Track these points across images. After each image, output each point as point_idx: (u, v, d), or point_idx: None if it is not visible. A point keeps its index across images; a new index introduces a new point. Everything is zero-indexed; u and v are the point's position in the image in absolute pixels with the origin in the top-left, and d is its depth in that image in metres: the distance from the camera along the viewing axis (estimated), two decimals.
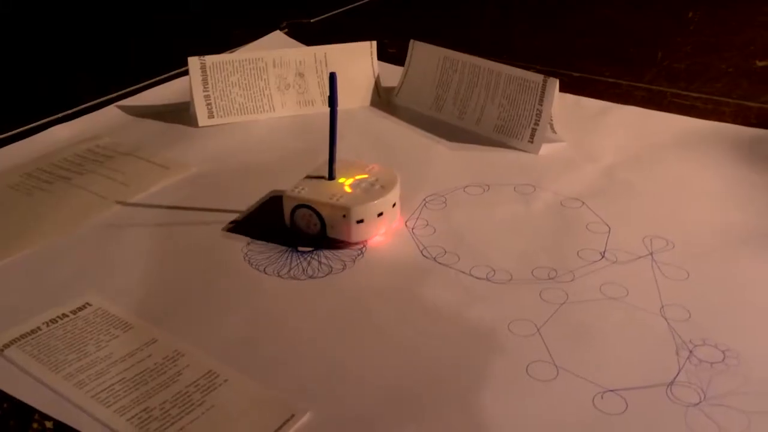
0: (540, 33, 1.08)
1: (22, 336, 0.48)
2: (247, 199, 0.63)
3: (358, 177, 0.58)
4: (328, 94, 0.56)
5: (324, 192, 0.57)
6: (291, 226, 0.58)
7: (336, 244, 0.57)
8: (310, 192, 0.57)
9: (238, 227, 0.60)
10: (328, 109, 0.56)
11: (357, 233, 0.56)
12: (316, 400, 0.43)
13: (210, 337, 0.48)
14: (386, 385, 0.44)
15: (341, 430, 0.41)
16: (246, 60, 0.80)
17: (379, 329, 0.49)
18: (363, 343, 0.47)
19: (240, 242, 0.58)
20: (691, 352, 0.46)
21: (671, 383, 0.43)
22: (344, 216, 0.55)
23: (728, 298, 0.51)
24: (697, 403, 0.42)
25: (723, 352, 0.46)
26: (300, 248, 0.56)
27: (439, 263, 0.55)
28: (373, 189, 0.57)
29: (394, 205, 0.58)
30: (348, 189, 0.57)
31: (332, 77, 0.55)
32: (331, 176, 0.58)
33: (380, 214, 0.57)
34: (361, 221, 0.56)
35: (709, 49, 0.98)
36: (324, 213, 0.56)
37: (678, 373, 0.44)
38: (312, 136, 0.74)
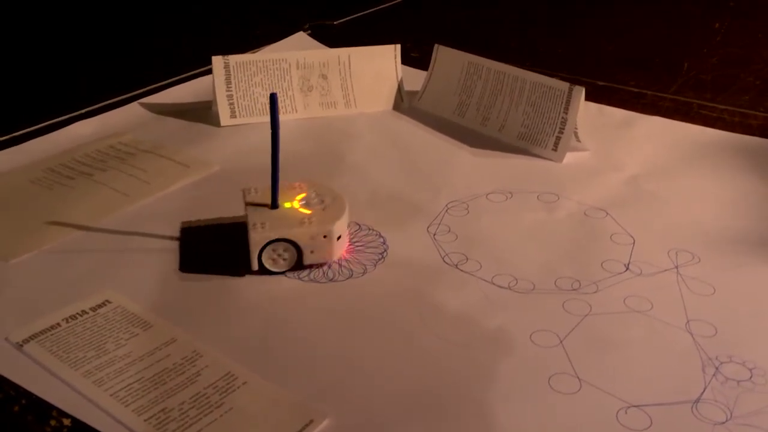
0: (564, 40, 1.08)
1: (42, 332, 0.48)
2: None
3: (298, 197, 0.55)
4: (350, 96, 0.54)
5: (288, 220, 0.53)
6: (260, 268, 0.53)
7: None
8: (275, 225, 0.53)
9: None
10: (350, 112, 0.55)
11: (338, 250, 0.54)
12: (334, 405, 0.42)
13: (229, 338, 0.48)
14: (405, 393, 0.43)
15: None
16: (270, 60, 0.80)
17: (399, 335, 0.48)
18: (383, 349, 0.47)
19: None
20: (717, 369, 0.45)
21: (697, 401, 0.42)
22: (325, 237, 0.53)
23: (755, 315, 0.50)
24: (724, 422, 0.41)
25: (750, 370, 0.45)
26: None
27: (461, 270, 0.55)
28: (326, 203, 0.55)
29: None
30: (305, 210, 0.54)
31: (273, 98, 0.51)
32: (275, 204, 0.54)
33: (348, 225, 0.55)
34: (339, 237, 0.54)
35: (737, 60, 0.96)
36: (302, 242, 0.53)
37: (704, 391, 0.43)
38: (334, 139, 0.74)
